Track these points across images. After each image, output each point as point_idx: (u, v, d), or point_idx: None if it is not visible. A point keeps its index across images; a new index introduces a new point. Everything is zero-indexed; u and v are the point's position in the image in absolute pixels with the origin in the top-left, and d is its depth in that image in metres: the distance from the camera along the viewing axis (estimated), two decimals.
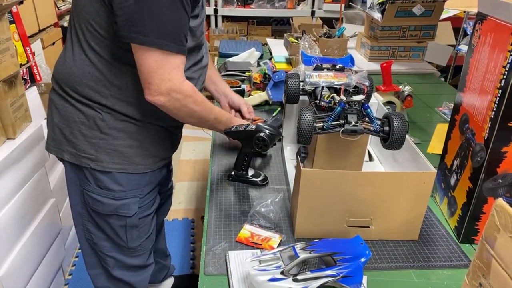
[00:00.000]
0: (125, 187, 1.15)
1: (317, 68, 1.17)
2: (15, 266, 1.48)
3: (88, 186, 1.15)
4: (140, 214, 1.21)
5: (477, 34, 1.02)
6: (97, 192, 1.15)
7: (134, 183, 1.16)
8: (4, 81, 1.43)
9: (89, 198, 1.16)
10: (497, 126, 0.91)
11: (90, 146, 1.10)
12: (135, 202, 1.18)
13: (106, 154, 1.10)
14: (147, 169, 1.17)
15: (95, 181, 1.13)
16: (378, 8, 2.33)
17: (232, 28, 4.06)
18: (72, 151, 1.12)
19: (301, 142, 0.98)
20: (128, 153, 1.12)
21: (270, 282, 0.84)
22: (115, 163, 1.12)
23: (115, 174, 1.12)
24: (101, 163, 1.11)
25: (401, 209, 1.02)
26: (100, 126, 1.09)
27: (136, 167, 1.14)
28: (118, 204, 1.16)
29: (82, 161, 1.12)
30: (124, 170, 1.13)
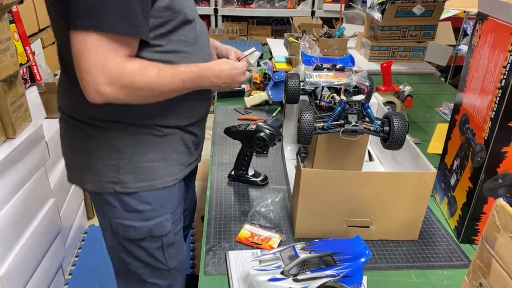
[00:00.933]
0: (154, 205, 1.07)
1: (317, 68, 1.17)
2: (15, 266, 1.48)
3: (115, 213, 1.06)
4: (174, 230, 1.14)
5: (477, 34, 1.02)
6: (126, 217, 1.06)
7: (164, 199, 1.08)
8: (4, 81, 1.43)
9: (119, 226, 1.08)
10: (497, 126, 0.91)
11: (111, 169, 1.02)
12: (168, 219, 1.11)
13: (129, 174, 1.02)
14: (174, 180, 1.09)
15: (121, 205, 1.05)
16: (378, 8, 2.33)
17: (232, 28, 4.06)
18: (93, 179, 1.04)
19: (301, 142, 0.98)
20: (153, 168, 1.04)
21: (270, 282, 0.84)
22: (141, 181, 1.04)
23: (142, 193, 1.05)
24: (126, 184, 1.03)
25: (401, 209, 1.02)
26: (117, 146, 1.01)
27: (163, 181, 1.06)
28: (150, 225, 1.08)
29: (105, 187, 1.03)
30: (151, 187, 1.05)
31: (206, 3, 3.95)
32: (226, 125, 1.29)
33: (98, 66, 0.83)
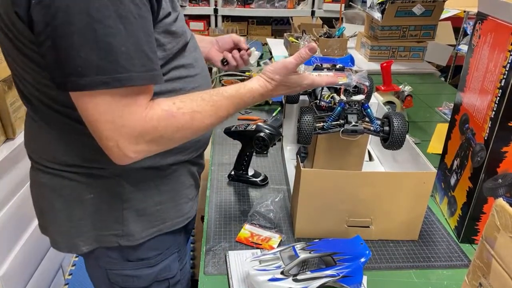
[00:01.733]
0: (160, 249, 0.94)
1: (317, 68, 1.17)
2: (15, 266, 1.48)
3: (113, 265, 0.92)
4: (180, 266, 1.03)
5: (477, 34, 1.02)
6: (128, 267, 0.92)
7: (169, 240, 0.95)
8: (4, 81, 1.43)
9: (118, 277, 0.94)
10: (497, 126, 0.91)
11: (114, 221, 0.87)
12: (175, 259, 0.99)
13: (135, 223, 0.87)
14: (185, 220, 0.96)
15: (123, 257, 0.91)
16: (378, 8, 2.33)
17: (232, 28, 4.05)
18: (90, 236, 0.88)
19: (301, 142, 0.98)
20: (160, 211, 0.90)
21: (270, 282, 0.84)
22: (148, 228, 0.89)
23: (149, 241, 0.91)
24: (132, 236, 0.88)
25: (401, 209, 1.02)
26: (120, 194, 0.85)
27: (173, 223, 0.93)
28: (156, 270, 0.95)
29: (107, 241, 0.88)
30: (159, 232, 0.91)
31: (206, 3, 3.95)
32: (226, 125, 1.29)
33: (117, 129, 0.69)
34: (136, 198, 0.87)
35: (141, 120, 0.71)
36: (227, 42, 1.17)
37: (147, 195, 0.88)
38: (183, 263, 1.05)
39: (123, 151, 0.71)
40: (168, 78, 0.83)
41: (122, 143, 0.70)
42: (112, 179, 0.84)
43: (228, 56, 1.16)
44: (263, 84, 0.87)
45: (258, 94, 0.86)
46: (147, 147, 0.73)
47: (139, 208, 0.88)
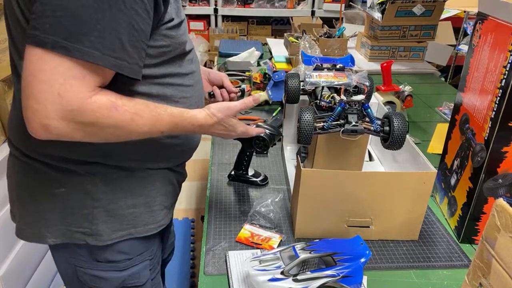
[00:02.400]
0: (131, 254, 0.92)
1: (317, 68, 1.17)
2: (15, 266, 1.48)
3: (82, 263, 0.91)
4: (151, 276, 0.99)
5: (477, 34, 1.02)
6: (96, 267, 0.90)
7: (142, 246, 0.93)
8: (4, 81, 1.43)
9: (86, 276, 0.92)
10: (497, 126, 0.91)
11: (83, 219, 0.85)
12: (146, 266, 0.96)
13: (104, 223, 0.86)
14: (158, 227, 0.93)
15: (91, 255, 0.89)
16: (378, 8, 2.33)
17: (232, 27, 4.06)
18: (58, 229, 0.86)
19: (301, 142, 0.98)
20: (133, 215, 0.88)
21: (270, 282, 0.84)
22: (117, 230, 0.87)
23: (118, 243, 0.89)
24: (101, 236, 0.86)
25: (401, 209, 1.02)
26: (91, 192, 0.83)
27: (145, 229, 0.91)
28: (125, 275, 0.93)
29: (75, 237, 0.86)
30: (129, 235, 0.89)
31: (206, 3, 3.95)
32: None
33: (51, 94, 0.64)
34: (107, 199, 0.85)
35: (81, 98, 0.67)
36: (217, 79, 1.20)
37: (119, 196, 0.86)
38: (155, 273, 1.02)
39: (46, 121, 0.66)
40: (160, 82, 0.82)
41: (50, 111, 0.65)
42: (85, 177, 0.83)
43: (216, 91, 1.19)
44: (205, 116, 0.87)
45: (198, 124, 0.85)
46: (71, 128, 0.68)
47: (109, 209, 0.86)
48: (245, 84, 1.97)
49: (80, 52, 0.65)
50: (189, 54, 0.89)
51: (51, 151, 0.81)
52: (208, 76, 1.20)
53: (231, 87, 1.20)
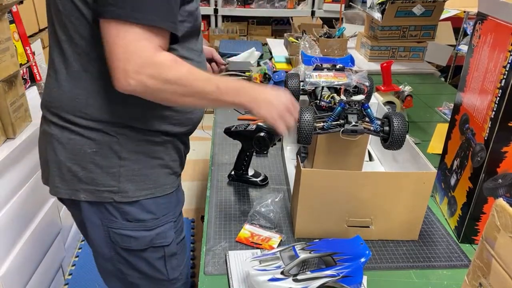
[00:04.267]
0: (157, 214, 1.01)
1: (317, 68, 1.17)
2: (15, 266, 1.48)
3: (114, 223, 1.00)
4: (176, 239, 1.08)
5: (477, 34, 1.02)
6: (127, 227, 0.99)
7: (164, 206, 1.03)
8: (4, 81, 1.43)
9: (118, 236, 1.01)
10: (497, 126, 0.91)
11: (110, 177, 0.96)
12: (171, 227, 1.05)
13: (130, 182, 0.96)
14: (172, 188, 1.04)
15: (121, 215, 0.99)
16: (378, 8, 2.33)
17: (232, 28, 4.06)
18: (89, 188, 0.96)
19: (301, 142, 0.98)
20: (153, 175, 0.99)
21: (270, 282, 0.84)
22: (142, 189, 0.98)
23: (143, 201, 0.99)
24: (126, 193, 0.97)
25: (401, 209, 1.02)
26: (118, 152, 0.94)
27: (163, 189, 1.01)
28: (153, 234, 1.02)
29: (104, 196, 0.97)
30: (152, 195, 0.99)
31: (206, 3, 3.95)
32: (226, 125, 1.29)
33: (128, 52, 0.80)
34: (132, 159, 0.96)
35: (151, 54, 0.81)
36: (208, 53, 1.34)
37: (141, 158, 0.97)
38: (180, 238, 1.10)
39: (126, 74, 0.80)
40: (177, 55, 0.89)
41: (128, 66, 0.80)
42: (113, 137, 0.94)
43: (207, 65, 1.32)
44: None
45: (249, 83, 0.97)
46: (145, 80, 0.81)
47: (133, 168, 0.96)
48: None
49: (146, 19, 0.79)
50: (200, 34, 1.01)
51: (88, 113, 0.92)
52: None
53: (220, 60, 1.36)
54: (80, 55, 0.90)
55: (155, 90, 0.84)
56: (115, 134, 0.94)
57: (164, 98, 0.87)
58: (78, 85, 0.92)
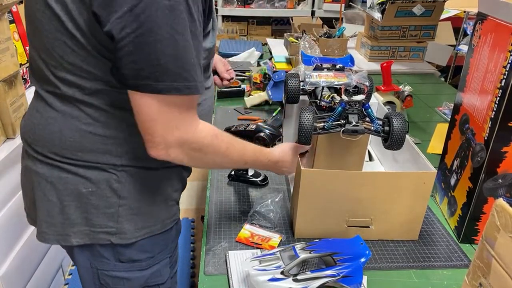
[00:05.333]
0: (152, 252, 0.94)
1: (317, 68, 1.17)
2: (15, 266, 1.48)
3: (106, 265, 0.91)
4: (171, 274, 1.02)
5: (477, 34, 1.02)
6: (119, 268, 0.91)
7: (162, 243, 0.95)
8: (4, 81, 1.43)
9: (109, 278, 0.93)
10: (497, 126, 0.91)
11: (108, 218, 0.86)
12: (166, 264, 0.97)
13: (129, 221, 0.88)
14: (173, 222, 0.96)
15: (115, 256, 0.90)
16: (378, 8, 2.33)
17: (232, 28, 4.06)
18: (82, 230, 0.87)
19: (301, 142, 0.98)
20: (153, 211, 0.91)
21: (270, 282, 0.84)
22: (141, 228, 0.89)
23: (141, 241, 0.90)
24: (125, 234, 0.88)
25: (401, 209, 1.02)
26: (117, 190, 0.85)
27: (163, 225, 0.93)
28: (147, 274, 0.94)
29: (99, 238, 0.87)
30: (151, 233, 0.91)
31: None
32: (226, 125, 1.29)
33: (171, 129, 0.77)
34: (132, 197, 0.87)
35: (193, 129, 0.80)
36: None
37: (142, 194, 0.89)
38: (173, 272, 1.03)
39: (166, 150, 0.78)
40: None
41: (170, 142, 0.78)
42: (113, 174, 0.85)
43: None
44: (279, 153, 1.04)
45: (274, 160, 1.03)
46: (185, 154, 0.81)
47: (133, 207, 0.88)
48: (245, 84, 1.97)
49: (189, 89, 0.75)
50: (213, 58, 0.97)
51: (83, 156, 0.84)
52: None
53: (223, 73, 1.28)
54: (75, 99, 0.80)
55: (189, 161, 0.84)
56: (114, 171, 0.85)
57: (196, 166, 0.89)
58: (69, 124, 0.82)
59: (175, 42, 0.71)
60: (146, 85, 0.72)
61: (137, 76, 0.72)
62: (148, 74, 0.71)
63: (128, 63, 0.71)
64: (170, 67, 0.72)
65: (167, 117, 0.76)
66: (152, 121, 0.76)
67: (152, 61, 0.71)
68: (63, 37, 0.76)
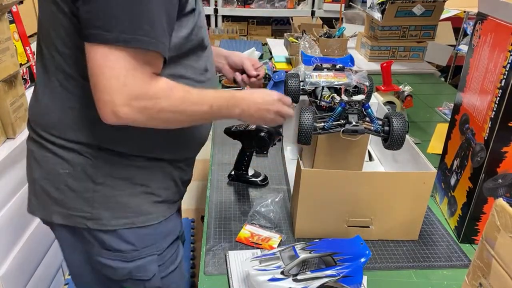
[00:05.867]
0: (137, 246, 0.94)
1: (317, 68, 1.17)
2: (15, 266, 1.48)
3: (93, 249, 0.93)
4: (162, 273, 1.00)
5: (477, 34, 1.02)
6: (105, 255, 0.93)
7: (148, 238, 0.95)
8: (4, 81, 1.43)
9: (97, 263, 0.95)
10: (497, 126, 0.91)
11: (83, 202, 0.88)
12: (153, 261, 0.97)
13: (105, 209, 0.89)
14: (160, 217, 0.95)
15: (98, 242, 0.92)
16: (378, 8, 2.33)
17: (232, 28, 4.06)
18: (61, 211, 0.90)
19: (301, 142, 0.98)
20: (133, 203, 0.91)
21: (270, 282, 0.84)
22: (119, 217, 0.90)
23: (121, 231, 0.91)
24: (100, 220, 0.89)
25: (401, 209, 1.02)
26: (92, 175, 0.87)
27: (146, 218, 0.93)
28: (131, 266, 0.95)
29: (77, 221, 0.90)
30: (131, 224, 0.91)
31: (206, 3, 3.95)
32: (226, 125, 1.29)
33: (118, 85, 0.73)
34: (107, 184, 0.88)
35: (143, 84, 0.75)
36: (237, 63, 1.21)
37: (119, 183, 0.89)
38: (166, 272, 1.01)
39: (116, 108, 0.74)
40: (171, 73, 0.85)
41: (118, 100, 0.73)
42: (88, 159, 0.87)
43: (238, 77, 1.21)
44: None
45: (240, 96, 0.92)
46: (137, 112, 0.76)
47: (109, 195, 0.89)
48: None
49: (138, 41, 0.72)
50: (205, 51, 0.93)
51: (62, 132, 0.86)
52: (228, 60, 1.20)
53: (251, 71, 1.19)
54: (57, 69, 0.83)
55: (148, 120, 0.79)
56: (90, 156, 0.87)
57: (155, 125, 0.82)
58: (53, 101, 0.85)
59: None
60: (95, 34, 0.70)
61: (90, 26, 0.71)
62: (99, 24, 0.70)
63: (83, 12, 0.71)
64: (122, 17, 0.70)
65: (114, 72, 0.72)
66: (99, 75, 0.72)
67: (104, 10, 0.69)
68: (48, 4, 0.79)
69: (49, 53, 0.84)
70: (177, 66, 0.87)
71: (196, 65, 0.91)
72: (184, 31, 0.83)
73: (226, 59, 1.21)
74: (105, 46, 0.71)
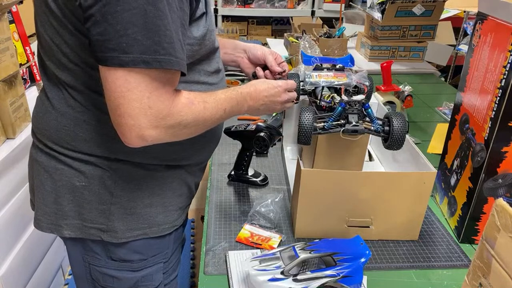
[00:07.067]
0: (145, 255, 0.92)
1: (317, 68, 1.17)
2: (15, 266, 1.48)
3: (96, 260, 0.91)
4: (165, 280, 0.99)
5: (477, 34, 1.02)
6: (110, 266, 0.91)
7: (156, 247, 0.93)
8: (4, 81, 1.43)
9: (99, 274, 0.92)
10: (497, 126, 0.91)
11: (99, 214, 0.86)
12: (159, 269, 0.96)
13: (121, 221, 0.87)
14: (171, 228, 0.94)
15: (106, 253, 0.90)
16: (378, 8, 2.33)
17: (232, 28, 4.06)
18: (75, 224, 0.87)
19: (301, 142, 0.98)
20: (149, 214, 0.89)
21: (270, 282, 0.84)
22: (133, 229, 0.88)
23: (133, 242, 0.89)
24: (116, 233, 0.87)
25: (401, 209, 1.02)
26: (110, 187, 0.85)
27: (159, 229, 0.91)
28: (138, 276, 0.93)
29: (90, 233, 0.87)
30: (144, 235, 0.90)
31: None
32: (226, 125, 1.29)
33: (142, 108, 0.69)
34: (126, 196, 0.86)
35: (168, 105, 0.73)
36: (259, 58, 1.13)
37: (137, 195, 0.88)
38: (169, 279, 1.02)
39: (142, 132, 0.71)
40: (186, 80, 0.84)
41: (144, 123, 0.71)
42: (106, 172, 0.85)
43: (260, 73, 1.13)
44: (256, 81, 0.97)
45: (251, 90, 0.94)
46: (163, 133, 0.74)
47: (126, 206, 0.87)
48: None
49: (159, 62, 0.69)
50: (216, 53, 0.92)
51: (78, 146, 0.83)
52: (248, 54, 1.14)
53: (275, 67, 1.11)
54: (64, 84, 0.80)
55: (173, 137, 0.78)
56: (108, 168, 0.84)
57: (179, 139, 0.81)
58: (65, 115, 0.82)
59: (145, 12, 0.65)
60: (112, 58, 0.67)
61: (104, 48, 0.67)
62: (115, 45, 0.66)
63: (96, 34, 0.67)
64: (139, 38, 0.66)
65: (137, 95, 0.69)
66: (120, 98, 0.69)
67: (119, 31, 0.66)
68: (49, 18, 0.76)
69: (53, 66, 0.81)
70: (190, 73, 0.85)
71: (209, 68, 0.90)
72: (196, 40, 0.81)
73: (246, 52, 1.14)
74: (124, 70, 0.68)
